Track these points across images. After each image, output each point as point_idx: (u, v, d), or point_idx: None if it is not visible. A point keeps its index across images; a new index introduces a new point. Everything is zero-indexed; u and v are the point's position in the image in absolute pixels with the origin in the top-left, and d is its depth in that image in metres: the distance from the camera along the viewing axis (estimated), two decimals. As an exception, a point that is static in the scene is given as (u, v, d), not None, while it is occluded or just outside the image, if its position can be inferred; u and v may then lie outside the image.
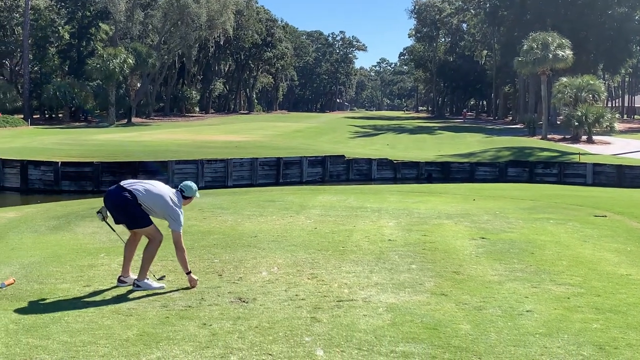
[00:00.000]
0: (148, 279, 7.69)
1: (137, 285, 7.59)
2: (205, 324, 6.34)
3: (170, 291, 7.53)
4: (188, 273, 7.67)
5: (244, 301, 7.13)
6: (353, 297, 7.36)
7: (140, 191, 7.65)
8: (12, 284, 7.73)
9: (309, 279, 8.15)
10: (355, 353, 5.64)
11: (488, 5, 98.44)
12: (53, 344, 5.76)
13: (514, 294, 7.43)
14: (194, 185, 8.15)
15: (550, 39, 59.49)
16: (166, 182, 8.50)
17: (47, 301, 7.08)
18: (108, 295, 7.34)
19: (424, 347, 5.77)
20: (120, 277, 7.84)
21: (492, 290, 7.57)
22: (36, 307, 6.87)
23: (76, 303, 7.01)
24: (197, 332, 6.13)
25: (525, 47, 59.70)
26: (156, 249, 7.79)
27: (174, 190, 7.95)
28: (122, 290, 7.55)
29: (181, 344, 5.81)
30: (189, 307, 6.94)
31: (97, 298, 7.21)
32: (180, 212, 7.72)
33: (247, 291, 7.52)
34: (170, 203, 7.67)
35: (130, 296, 7.31)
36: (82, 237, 10.71)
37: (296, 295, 7.41)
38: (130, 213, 7.64)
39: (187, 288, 7.63)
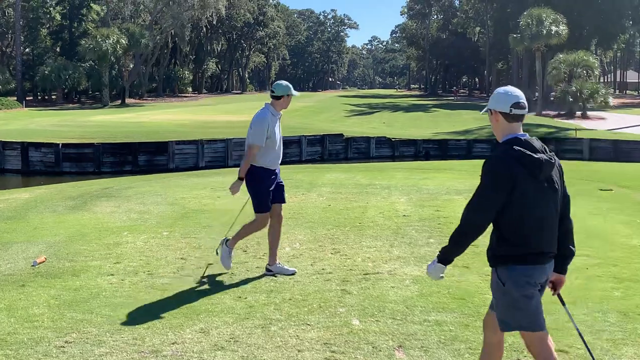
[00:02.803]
0: (279, 262, 7.49)
1: (268, 270, 7.41)
2: (240, 297, 6.55)
3: (199, 267, 7.71)
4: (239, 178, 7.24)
5: (273, 275, 7.34)
6: (378, 270, 7.58)
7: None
8: (43, 262, 7.91)
9: (332, 253, 8.36)
10: (390, 322, 5.86)
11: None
12: (97, 317, 5.96)
13: (533, 265, 7.65)
14: (283, 82, 7.42)
15: (544, 14, 59.52)
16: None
17: (82, 278, 7.26)
18: (140, 271, 7.52)
19: (455, 315, 6.01)
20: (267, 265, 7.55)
21: (512, 262, 7.79)
22: (72, 283, 7.05)
23: (110, 279, 7.20)
24: (234, 304, 6.34)
25: (522, 23, 59.70)
26: (255, 228, 7.47)
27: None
28: (152, 265, 7.73)
29: (221, 315, 6.03)
30: (221, 281, 7.15)
31: (130, 274, 7.40)
32: (257, 123, 7.17)
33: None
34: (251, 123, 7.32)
35: (161, 271, 7.50)
36: (102, 216, 10.87)
37: (322, 269, 7.63)
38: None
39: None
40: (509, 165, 3.85)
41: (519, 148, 3.88)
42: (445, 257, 4.24)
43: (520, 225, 3.89)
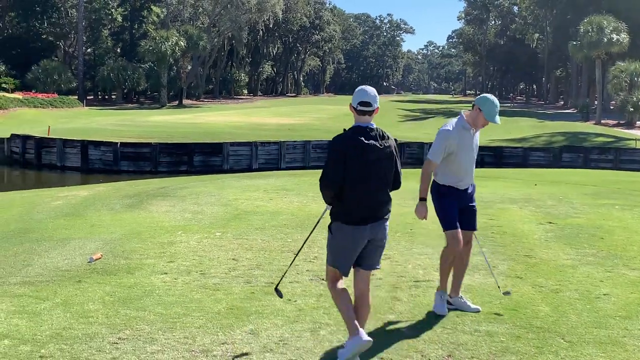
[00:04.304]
0: (462, 297, 6.56)
1: (449, 303, 6.49)
2: (290, 300, 6.58)
3: (250, 268, 7.78)
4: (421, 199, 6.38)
5: (322, 279, 7.35)
6: (429, 277, 7.53)
7: None
8: (99, 258, 8.10)
9: (382, 259, 8.30)
10: (440, 331, 5.82)
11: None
12: (150, 315, 6.07)
13: (588, 277, 7.51)
14: (488, 96, 6.38)
15: (605, 22, 58.30)
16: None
17: (136, 275, 7.40)
18: (192, 270, 7.63)
19: (507, 327, 5.92)
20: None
21: (566, 274, 7.66)
22: (127, 281, 7.19)
23: (164, 277, 7.32)
24: (284, 307, 6.37)
25: (581, 30, 58.58)
26: (450, 252, 6.43)
27: None
28: (205, 265, 7.83)
29: (270, 317, 6.07)
30: (272, 283, 7.18)
31: (183, 273, 7.51)
32: (437, 136, 6.27)
33: (324, 270, 7.72)
34: None
35: (213, 271, 7.59)
36: (157, 215, 11.07)
37: (373, 275, 7.58)
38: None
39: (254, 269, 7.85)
40: (343, 144, 5.04)
41: (353, 133, 5.06)
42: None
43: (349, 193, 5.03)
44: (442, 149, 6.21)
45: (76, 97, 67.71)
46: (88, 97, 73.79)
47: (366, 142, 5.02)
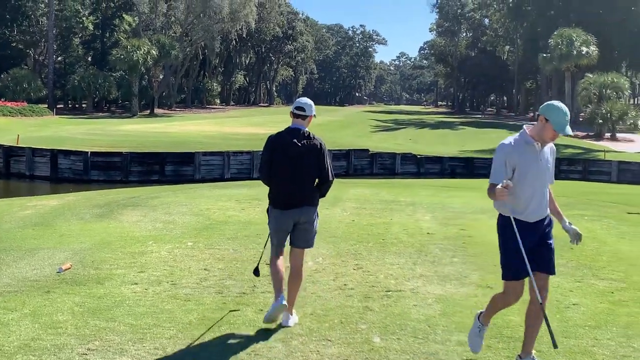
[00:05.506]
0: (534, 356, 5.30)
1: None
2: (262, 310, 6.55)
3: (222, 278, 7.74)
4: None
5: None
6: (400, 287, 7.55)
7: None
8: (69, 269, 8.00)
9: (354, 269, 8.35)
10: (412, 340, 5.83)
11: (511, 0, 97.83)
12: (120, 326, 6.01)
13: (558, 287, 7.57)
14: (555, 103, 5.07)
15: (575, 35, 59.19)
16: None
17: (106, 286, 7.33)
18: (163, 280, 7.57)
19: (478, 336, 5.94)
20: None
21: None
22: (96, 291, 7.11)
23: (134, 288, 7.26)
24: (256, 317, 6.35)
25: (551, 43, 59.39)
26: (503, 302, 5.43)
27: None
28: (176, 275, 7.78)
29: (242, 328, 6.05)
30: (243, 293, 7.17)
31: (154, 283, 7.45)
32: (496, 155, 5.14)
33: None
34: None
35: (184, 282, 7.54)
36: (128, 225, 10.98)
37: (345, 284, 7.62)
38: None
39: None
40: (271, 140, 6.21)
41: (281, 132, 6.20)
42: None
43: (274, 182, 6.19)
44: (503, 164, 5.05)
45: (46, 105, 66.96)
46: (58, 106, 72.93)
47: (288, 140, 6.08)
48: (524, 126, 5.22)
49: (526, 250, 4.96)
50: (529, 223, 5.12)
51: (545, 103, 5.07)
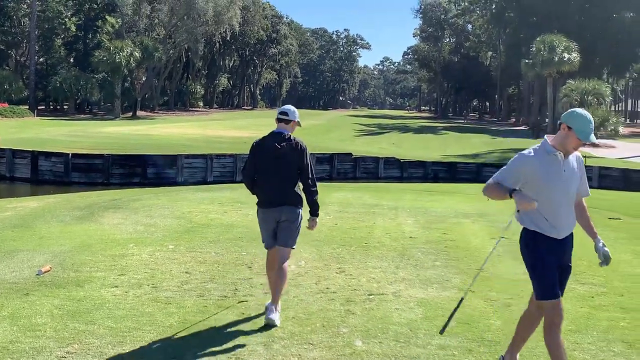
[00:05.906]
0: None
1: None
2: (243, 313, 6.53)
3: (204, 282, 7.70)
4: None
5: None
6: (383, 291, 7.55)
7: None
8: (48, 271, 7.92)
9: (337, 273, 8.34)
10: (393, 344, 5.82)
11: (494, 6, 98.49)
12: (99, 329, 5.95)
13: (539, 291, 7.60)
14: (578, 110, 4.78)
15: (557, 41, 59.57)
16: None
17: (86, 288, 7.26)
18: (144, 283, 7.51)
19: (459, 340, 5.96)
20: None
21: (517, 288, 7.73)
22: (76, 294, 7.05)
23: (114, 291, 7.20)
24: (237, 320, 6.32)
25: (534, 49, 59.77)
26: (527, 324, 5.27)
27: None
28: (157, 278, 7.72)
29: (223, 331, 6.01)
30: (225, 297, 7.13)
31: (134, 286, 7.39)
32: (512, 161, 4.95)
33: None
34: None
35: (165, 285, 7.49)
36: (109, 228, 10.89)
37: (327, 288, 7.60)
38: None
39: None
40: (255, 144, 6.57)
41: (265, 136, 6.56)
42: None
43: (258, 182, 6.52)
44: (512, 173, 4.88)
45: (27, 107, 66.32)
46: (39, 107, 72.30)
47: (270, 142, 6.44)
48: (545, 136, 4.99)
49: (556, 272, 4.89)
50: (559, 240, 4.96)
51: (568, 110, 4.82)
